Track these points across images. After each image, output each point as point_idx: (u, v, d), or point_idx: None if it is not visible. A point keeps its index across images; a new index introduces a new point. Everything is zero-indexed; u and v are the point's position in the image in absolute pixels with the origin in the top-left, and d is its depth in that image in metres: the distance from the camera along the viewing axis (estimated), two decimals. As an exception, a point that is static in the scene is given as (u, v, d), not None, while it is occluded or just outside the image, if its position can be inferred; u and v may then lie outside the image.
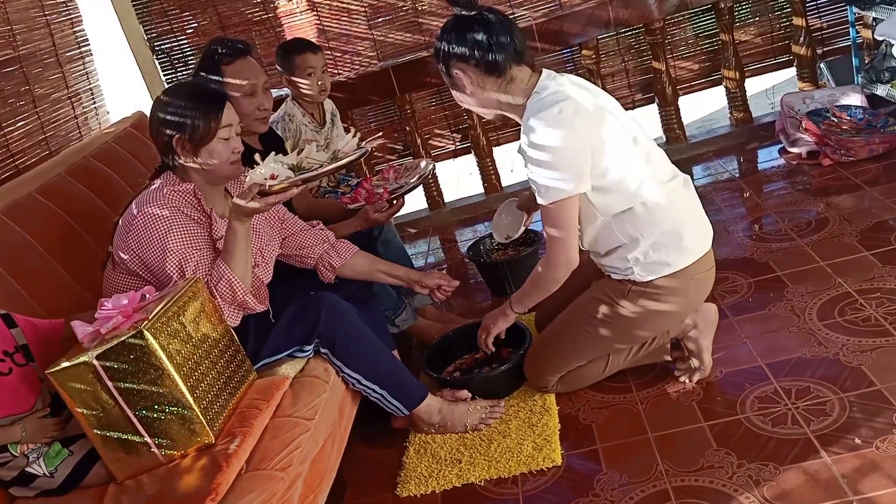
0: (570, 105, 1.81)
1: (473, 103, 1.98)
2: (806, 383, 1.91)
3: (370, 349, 2.00)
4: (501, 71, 1.90)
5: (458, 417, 2.09)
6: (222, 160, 1.87)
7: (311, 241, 2.18)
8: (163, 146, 1.88)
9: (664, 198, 1.89)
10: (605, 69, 3.70)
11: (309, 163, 1.85)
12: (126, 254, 1.83)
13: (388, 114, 3.80)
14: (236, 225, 1.80)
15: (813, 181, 3.03)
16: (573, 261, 1.95)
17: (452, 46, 1.89)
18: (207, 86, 1.96)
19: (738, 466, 1.71)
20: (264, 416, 1.67)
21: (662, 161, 1.97)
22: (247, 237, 1.83)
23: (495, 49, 1.88)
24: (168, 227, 1.79)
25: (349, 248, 2.21)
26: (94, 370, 1.47)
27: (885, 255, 2.35)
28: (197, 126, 1.82)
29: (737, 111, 3.73)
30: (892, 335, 1.98)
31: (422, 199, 3.92)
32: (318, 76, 2.80)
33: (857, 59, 3.45)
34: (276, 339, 1.91)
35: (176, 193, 1.85)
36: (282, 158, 1.84)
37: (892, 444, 1.64)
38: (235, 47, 2.31)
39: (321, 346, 1.92)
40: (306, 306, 1.94)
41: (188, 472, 1.52)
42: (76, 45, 3.28)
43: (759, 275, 2.46)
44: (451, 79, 1.95)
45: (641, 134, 1.94)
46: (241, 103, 2.31)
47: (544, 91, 1.87)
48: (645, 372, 2.13)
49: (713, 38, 3.67)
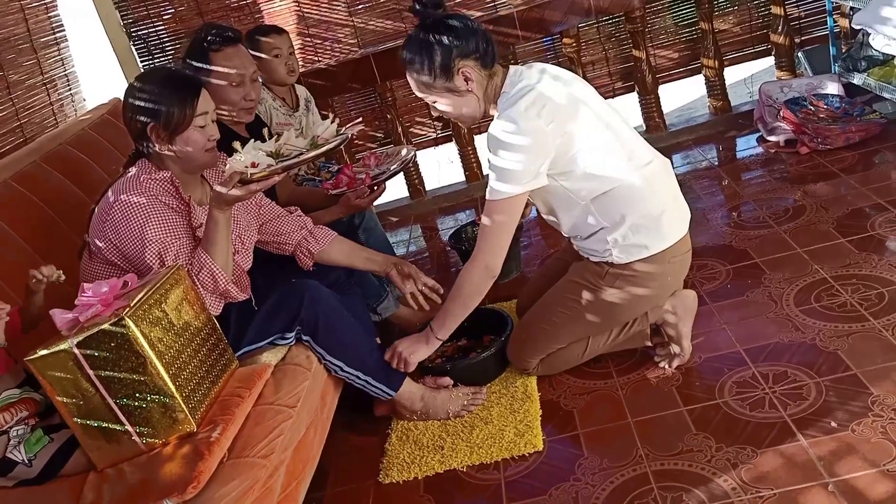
0: (534, 102, 1.82)
1: (468, 105, 1.93)
2: (783, 368, 1.93)
3: (352, 336, 1.99)
4: (494, 62, 1.90)
5: (441, 404, 2.09)
6: (198, 148, 1.84)
7: (288, 227, 2.16)
8: (137, 133, 1.85)
9: (642, 181, 1.91)
10: (586, 57, 3.71)
11: (288, 149, 1.84)
12: (103, 243, 1.81)
13: (368, 101, 3.79)
14: (217, 214, 1.78)
15: (790, 169, 3.06)
16: (495, 268, 1.94)
17: (453, 45, 1.85)
18: (182, 72, 1.93)
19: (717, 450, 1.73)
20: (246, 404, 1.66)
21: (640, 145, 1.98)
22: (228, 226, 1.81)
23: (489, 38, 1.90)
24: (146, 215, 1.77)
25: (327, 234, 2.20)
26: (74, 358, 1.46)
27: (861, 241, 2.38)
28: (172, 113, 1.79)
29: (716, 100, 3.76)
30: (868, 320, 2.01)
31: (403, 188, 3.92)
32: (285, 58, 2.78)
33: (835, 49, 3.48)
34: (257, 327, 1.90)
35: (153, 181, 1.82)
36: (260, 145, 1.82)
37: (867, 428, 1.67)
38: (225, 35, 2.27)
39: (303, 333, 1.92)
40: (288, 294, 1.93)
41: (170, 460, 1.51)
42: (51, 31, 3.22)
43: (737, 262, 2.48)
44: (451, 82, 1.89)
45: (617, 119, 1.96)
46: (228, 92, 2.28)
47: (512, 88, 1.88)
48: (625, 358, 2.15)
49: (693, 26, 3.69)
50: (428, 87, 1.92)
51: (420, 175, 3.87)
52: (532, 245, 3.08)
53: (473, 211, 3.67)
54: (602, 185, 1.89)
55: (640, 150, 1.98)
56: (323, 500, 1.97)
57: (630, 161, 1.91)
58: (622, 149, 1.91)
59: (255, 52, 2.72)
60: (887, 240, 2.35)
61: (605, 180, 1.88)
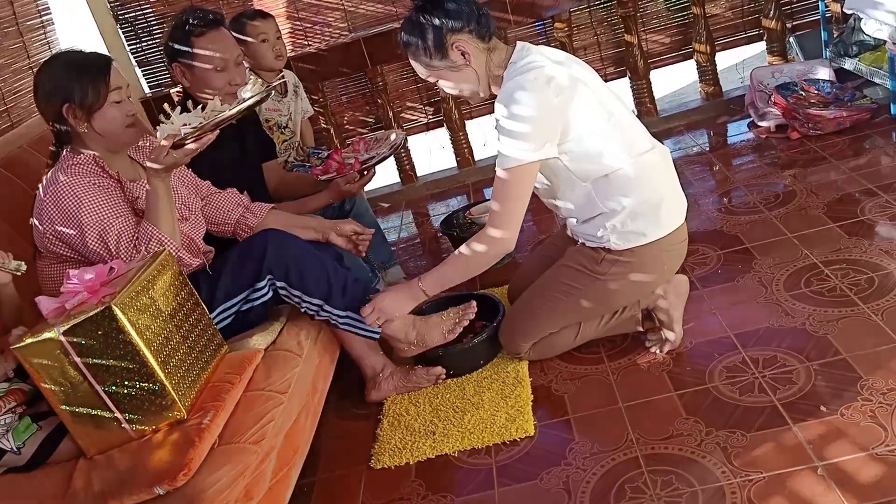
0: (543, 74, 1.81)
1: (469, 80, 1.92)
2: (773, 353, 1.94)
3: (325, 271, 1.97)
4: (491, 34, 1.89)
5: (434, 327, 2.07)
6: (117, 124, 1.82)
7: (226, 203, 2.13)
8: (54, 117, 1.81)
9: (642, 168, 1.90)
10: (578, 42, 3.69)
11: (214, 114, 1.82)
12: (44, 240, 1.79)
13: (359, 86, 3.76)
14: (156, 182, 1.77)
15: (781, 154, 3.06)
16: (508, 240, 1.92)
17: (444, 22, 1.84)
18: (91, 52, 1.89)
19: (707, 434, 1.74)
20: (237, 390, 1.66)
21: (640, 132, 1.98)
22: (168, 193, 1.80)
23: (482, 11, 1.89)
24: (77, 202, 1.74)
25: (263, 207, 2.17)
26: (61, 346, 1.45)
27: (851, 226, 2.39)
28: (86, 91, 1.77)
29: (707, 85, 3.75)
30: (857, 305, 2.02)
31: (394, 173, 3.90)
32: (272, 42, 2.77)
33: (826, 34, 3.48)
34: (227, 284, 1.89)
35: (75, 165, 1.79)
36: (187, 116, 1.81)
37: (856, 412, 1.68)
38: (208, 18, 2.24)
39: (275, 280, 1.91)
40: (250, 244, 1.94)
41: (160, 447, 1.50)
42: (37, 14, 3.18)
43: (728, 247, 2.49)
44: (448, 59, 1.88)
45: (618, 104, 1.95)
46: (213, 78, 2.26)
47: (520, 61, 1.86)
48: (616, 343, 2.16)
49: (684, 11, 3.68)
50: (427, 66, 1.92)
51: (411, 161, 3.86)
52: (524, 230, 3.06)
53: (465, 197, 3.66)
54: (602, 169, 1.88)
55: (641, 138, 1.97)
56: (314, 485, 1.97)
57: (630, 148, 1.90)
58: (622, 135, 1.90)
59: (242, 37, 2.69)
60: (877, 225, 2.36)
61: (605, 164, 1.87)
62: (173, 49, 2.27)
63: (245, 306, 1.92)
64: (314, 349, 1.98)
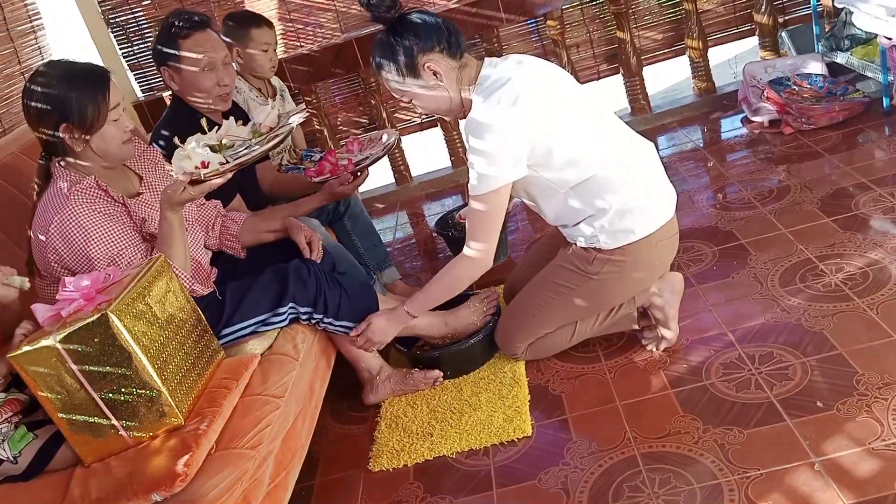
0: (511, 91, 1.81)
1: (441, 100, 1.93)
2: (769, 349, 1.94)
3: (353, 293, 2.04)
4: (462, 51, 1.90)
5: (465, 318, 2.19)
6: (116, 143, 1.79)
7: (208, 215, 2.13)
8: (48, 136, 1.75)
9: (625, 167, 1.91)
10: (570, 39, 3.68)
11: (230, 139, 1.81)
12: (50, 269, 1.78)
13: (352, 87, 3.75)
14: (170, 215, 1.75)
15: (775, 149, 3.06)
16: (485, 259, 1.95)
17: (415, 42, 1.85)
18: (87, 64, 1.83)
19: (704, 431, 1.74)
20: (233, 395, 1.65)
21: (621, 130, 1.98)
22: (181, 226, 1.79)
23: (451, 29, 1.89)
24: (85, 233, 1.71)
25: (240, 215, 2.18)
26: (58, 354, 1.44)
27: (845, 221, 2.39)
28: (85, 111, 1.71)
29: (700, 81, 3.75)
30: (853, 300, 2.03)
31: (389, 174, 3.90)
32: (271, 53, 2.76)
33: (818, 28, 3.48)
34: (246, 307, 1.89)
35: (80, 192, 1.74)
36: (202, 137, 1.79)
37: (852, 407, 1.68)
38: (192, 20, 2.24)
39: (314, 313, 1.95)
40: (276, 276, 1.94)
41: (157, 453, 1.50)
42: (27, 19, 3.17)
43: (723, 243, 2.49)
44: (420, 79, 1.89)
45: (596, 106, 1.96)
46: (200, 79, 2.26)
47: (487, 80, 1.87)
48: (613, 341, 2.16)
49: (676, 7, 3.67)
50: (401, 87, 1.93)
51: (406, 161, 3.86)
52: (519, 230, 3.08)
53: (460, 196, 3.66)
54: (583, 174, 1.88)
55: (622, 136, 1.97)
56: (312, 489, 1.97)
57: (611, 148, 1.91)
58: (602, 136, 1.91)
59: (242, 44, 2.68)
60: (871, 219, 2.36)
61: (586, 168, 1.88)
62: (161, 52, 2.27)
63: (261, 328, 1.92)
64: (311, 352, 1.97)
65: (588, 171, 1.88)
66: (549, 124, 1.84)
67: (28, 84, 1.76)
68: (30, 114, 1.77)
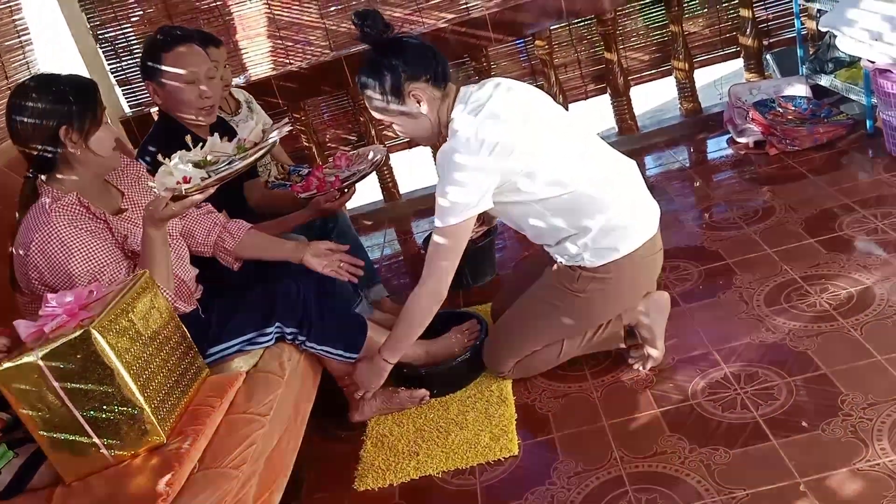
0: (481, 124, 1.82)
1: (422, 127, 1.95)
2: (754, 368, 1.95)
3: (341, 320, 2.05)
4: (446, 81, 1.92)
5: (446, 348, 2.23)
6: (108, 148, 1.80)
7: (201, 227, 2.10)
8: (44, 140, 1.73)
9: (606, 187, 1.92)
10: (558, 59, 3.72)
11: (215, 155, 1.80)
12: (31, 287, 1.76)
13: (341, 104, 3.76)
14: (152, 232, 1.74)
15: (760, 170, 3.09)
16: (440, 293, 1.94)
17: (404, 69, 1.86)
18: (70, 75, 1.84)
19: (690, 451, 1.74)
20: (217, 413, 1.64)
21: (603, 149, 2.00)
22: (164, 243, 1.78)
23: (439, 58, 1.91)
24: (66, 252, 1.70)
25: (241, 227, 2.13)
26: (39, 370, 1.42)
27: (829, 242, 2.41)
28: (86, 113, 1.73)
29: (686, 102, 3.79)
30: (837, 320, 2.04)
31: (377, 191, 3.90)
32: (220, 70, 2.73)
33: (802, 51, 3.53)
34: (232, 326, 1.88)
35: (62, 209, 1.73)
36: (187, 154, 1.78)
37: (837, 427, 1.69)
38: (174, 34, 2.26)
39: (299, 335, 1.94)
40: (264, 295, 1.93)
41: (139, 472, 1.48)
42: (15, 34, 3.16)
43: (709, 263, 2.50)
44: (404, 105, 1.90)
45: (577, 127, 1.98)
46: (184, 92, 2.26)
47: (462, 112, 1.88)
48: (599, 360, 2.16)
49: (663, 29, 3.72)
50: (383, 109, 1.94)
51: (394, 178, 3.86)
52: (507, 248, 3.08)
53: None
54: (566, 193, 1.89)
55: (604, 156, 1.99)
56: (297, 508, 1.95)
57: (594, 167, 1.93)
58: (585, 155, 1.93)
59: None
60: (855, 240, 2.38)
61: (569, 188, 1.89)
62: (145, 67, 2.28)
63: (247, 347, 1.91)
64: (297, 370, 1.96)
65: (571, 190, 1.89)
66: (530, 146, 1.85)
67: (15, 100, 1.74)
68: (19, 128, 1.75)
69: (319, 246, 2.12)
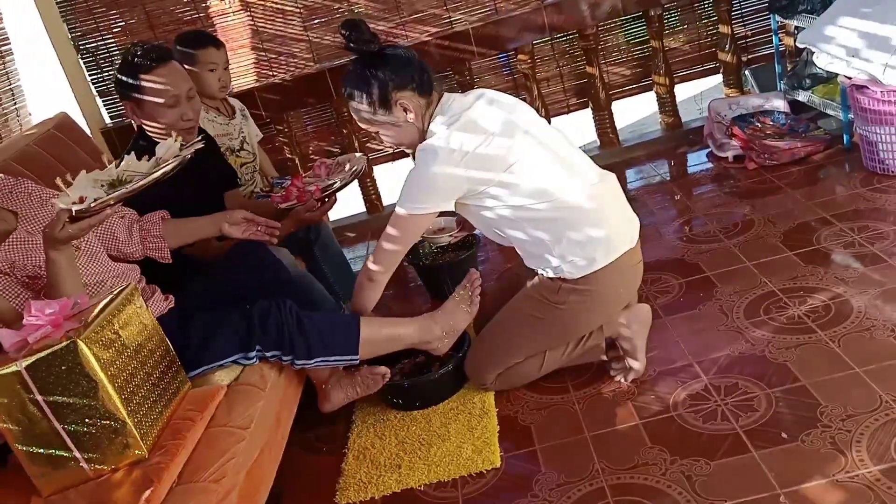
0: (457, 131, 1.87)
1: (408, 135, 1.99)
2: (734, 380, 1.97)
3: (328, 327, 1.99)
4: (431, 89, 1.95)
5: (454, 311, 2.14)
6: None
7: (120, 228, 2.07)
8: None
9: (587, 199, 1.94)
10: (541, 74, 3.75)
11: (129, 175, 1.75)
12: None
13: (324, 116, 3.77)
14: (53, 254, 1.68)
15: (739, 184, 3.13)
16: (378, 278, 2.02)
17: (390, 78, 1.89)
18: None
19: (671, 463, 1.75)
20: (198, 427, 1.63)
21: (582, 163, 2.02)
22: (70, 263, 1.71)
23: (424, 67, 1.95)
24: None
25: (156, 216, 2.13)
26: (22, 381, 1.41)
27: (807, 255, 2.44)
28: None
29: (667, 116, 3.83)
30: (815, 332, 2.06)
31: (360, 203, 3.90)
32: (220, 73, 2.74)
33: (780, 67, 3.58)
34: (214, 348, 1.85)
35: None
36: (99, 174, 1.74)
37: (816, 438, 1.71)
38: (154, 53, 2.20)
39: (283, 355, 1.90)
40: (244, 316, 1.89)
41: (118, 487, 1.47)
42: (-5, 44, 3.14)
43: (689, 275, 2.53)
44: (391, 114, 1.94)
45: (558, 140, 2.00)
46: (164, 113, 2.22)
47: (441, 117, 1.92)
48: (581, 372, 2.17)
49: (644, 44, 3.76)
50: (370, 118, 1.97)
51: (377, 190, 3.86)
52: (489, 260, 3.09)
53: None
54: (544, 206, 1.91)
55: (585, 170, 2.01)
56: (279, 522, 1.93)
57: (572, 180, 1.95)
58: (563, 169, 1.95)
59: (189, 65, 2.62)
60: (832, 253, 2.42)
61: (551, 199, 1.91)
62: (122, 85, 2.22)
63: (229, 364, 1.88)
64: (278, 383, 1.95)
65: (552, 201, 1.91)
66: (509, 156, 1.88)
67: None
68: None
69: (236, 215, 2.13)
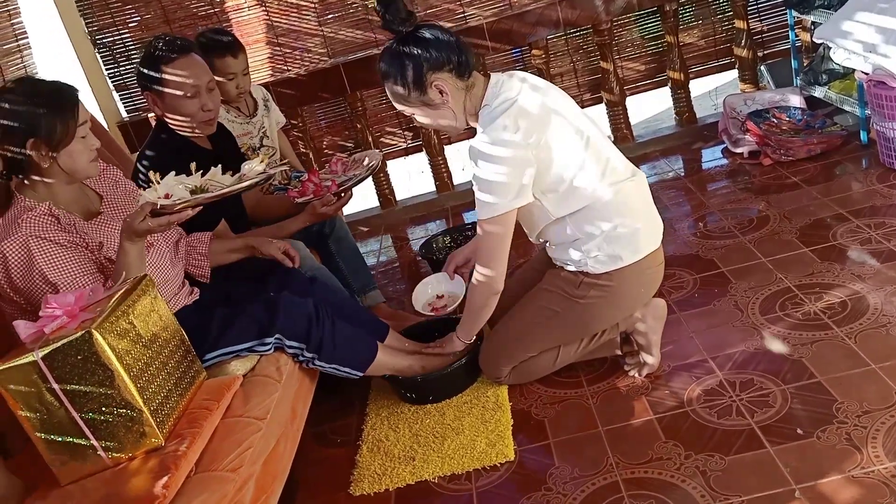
0: (516, 117, 1.82)
1: (445, 117, 1.94)
2: (749, 376, 1.96)
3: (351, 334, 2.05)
4: (470, 72, 1.90)
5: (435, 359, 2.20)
6: (83, 160, 1.77)
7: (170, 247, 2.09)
8: (13, 153, 1.71)
9: (618, 195, 1.92)
10: (555, 69, 3.74)
11: (213, 185, 1.78)
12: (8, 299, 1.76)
13: (338, 111, 3.77)
14: (127, 245, 1.72)
15: (754, 180, 3.11)
16: (496, 283, 1.98)
17: (425, 59, 1.84)
18: (54, 82, 1.79)
19: (686, 458, 1.75)
20: (214, 416, 1.64)
21: (617, 158, 2.00)
22: (140, 257, 1.75)
23: (462, 48, 1.89)
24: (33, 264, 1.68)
25: (205, 235, 2.18)
26: (39, 371, 1.42)
27: (823, 251, 2.43)
28: (54, 126, 1.70)
29: (681, 112, 3.81)
30: (831, 329, 2.05)
31: (374, 197, 3.91)
32: (238, 80, 2.73)
33: (797, 62, 3.56)
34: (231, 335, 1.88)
35: (30, 220, 1.71)
36: (184, 179, 1.77)
37: (832, 434, 1.70)
38: (175, 45, 2.22)
39: (306, 350, 1.94)
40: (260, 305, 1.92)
41: (135, 475, 1.48)
42: (13, 38, 3.17)
43: (704, 271, 2.52)
44: (426, 95, 1.88)
45: (595, 132, 1.97)
46: (184, 104, 2.24)
47: (494, 100, 1.87)
48: (595, 367, 2.17)
49: (659, 40, 3.75)
50: (404, 99, 1.92)
51: (390, 185, 3.87)
52: (502, 255, 3.09)
53: (444, 221, 3.67)
54: (580, 202, 1.90)
55: (617, 164, 1.98)
56: (293, 513, 1.95)
57: (605, 175, 1.92)
58: (598, 163, 1.92)
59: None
60: (848, 249, 2.40)
61: (584, 196, 1.89)
62: (144, 77, 2.25)
63: (244, 353, 1.91)
64: (294, 374, 1.96)
65: (587, 199, 1.89)
66: (552, 150, 1.85)
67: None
68: None
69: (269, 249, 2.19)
